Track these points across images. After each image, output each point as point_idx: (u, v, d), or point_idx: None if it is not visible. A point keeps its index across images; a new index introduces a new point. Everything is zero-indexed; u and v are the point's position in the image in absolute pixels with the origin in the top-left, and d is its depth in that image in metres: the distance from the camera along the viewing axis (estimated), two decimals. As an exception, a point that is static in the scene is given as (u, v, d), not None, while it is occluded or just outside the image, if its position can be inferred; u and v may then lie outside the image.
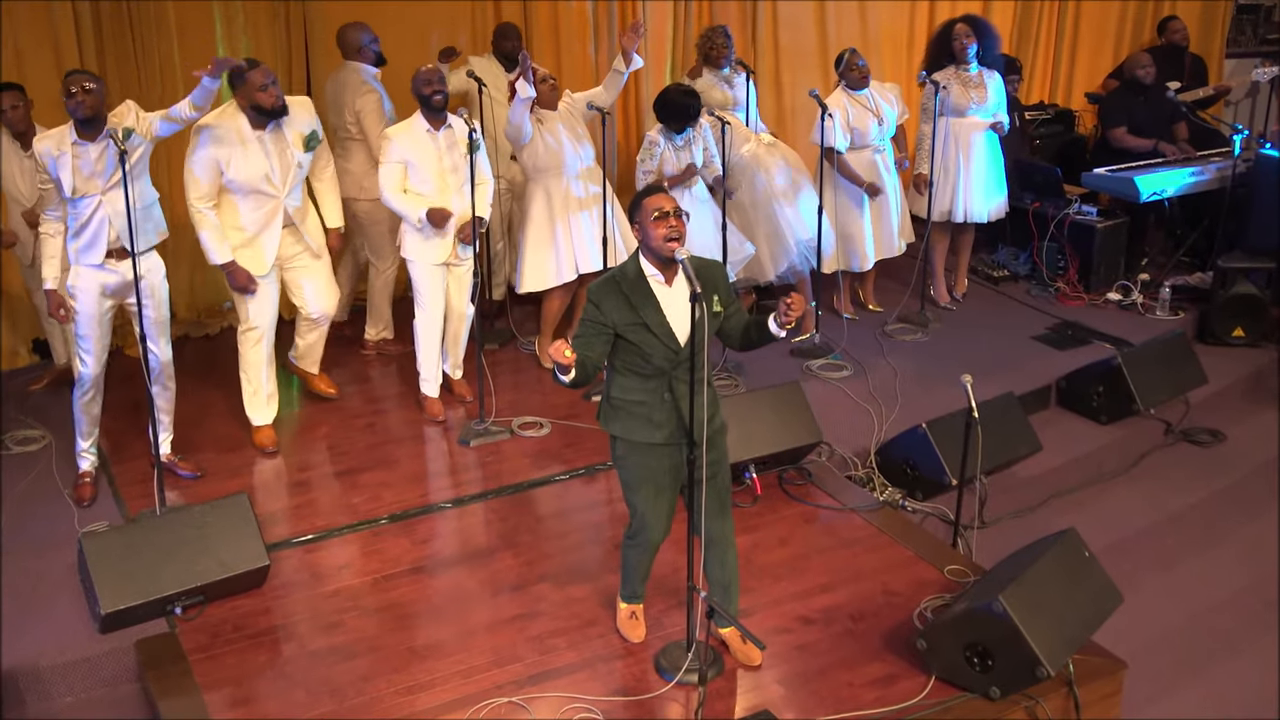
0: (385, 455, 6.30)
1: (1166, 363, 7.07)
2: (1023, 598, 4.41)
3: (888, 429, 6.55)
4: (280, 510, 5.79)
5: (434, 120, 6.33)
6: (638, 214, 4.29)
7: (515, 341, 7.65)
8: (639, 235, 4.30)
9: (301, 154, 6.01)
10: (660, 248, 4.23)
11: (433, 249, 6.43)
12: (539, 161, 6.69)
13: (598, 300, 4.24)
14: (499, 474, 6.13)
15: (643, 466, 4.45)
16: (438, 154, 6.32)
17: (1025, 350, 7.59)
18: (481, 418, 6.50)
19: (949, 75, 7.73)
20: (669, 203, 4.26)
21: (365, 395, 6.96)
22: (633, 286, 4.27)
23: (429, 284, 6.50)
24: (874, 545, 5.52)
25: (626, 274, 4.29)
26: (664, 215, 4.22)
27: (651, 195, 4.30)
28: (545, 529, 5.65)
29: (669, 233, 4.22)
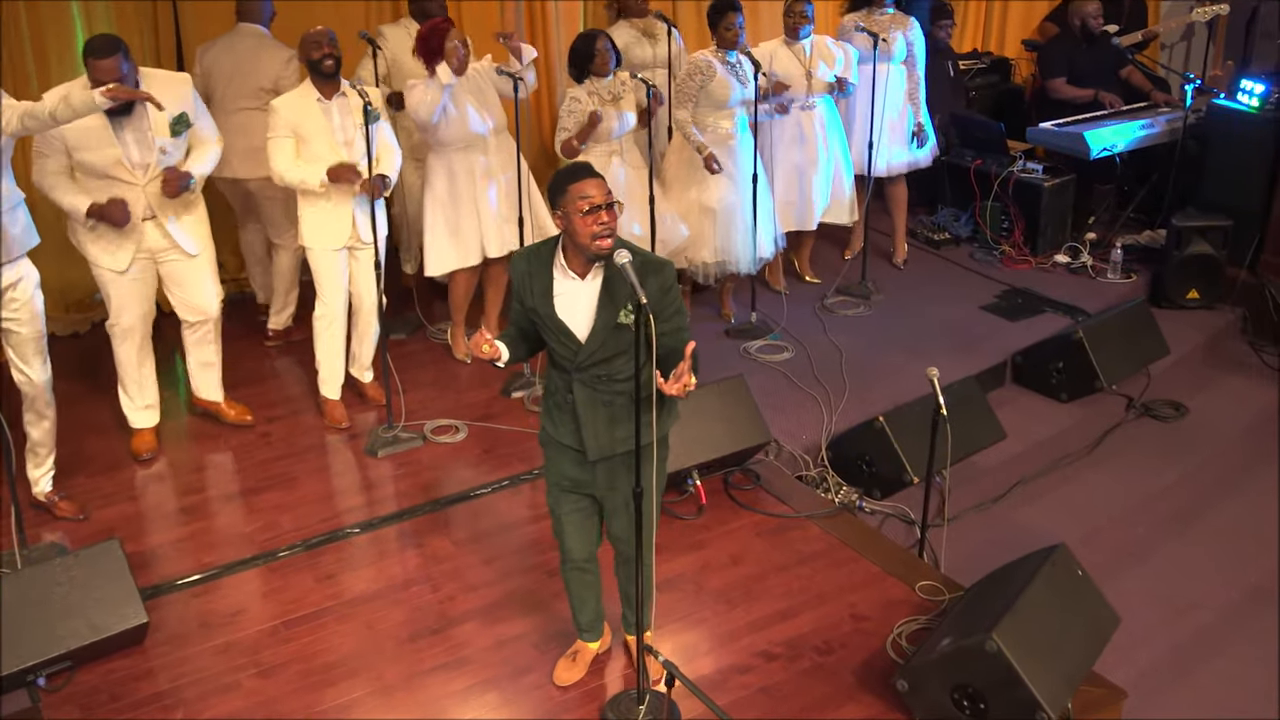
0: (283, 472, 5.60)
1: (1128, 334, 6.62)
2: (1016, 632, 3.90)
3: (838, 420, 6.00)
4: (163, 545, 5.08)
5: (325, 88, 5.59)
6: (561, 200, 3.66)
7: (424, 330, 6.96)
8: (560, 223, 3.69)
9: (167, 140, 5.23)
10: (588, 246, 3.64)
11: (332, 232, 5.72)
12: (441, 134, 5.96)
13: (512, 270, 3.84)
14: (412, 489, 5.48)
15: (552, 463, 4.00)
16: (330, 126, 5.60)
17: (975, 323, 7.09)
18: (390, 423, 5.83)
19: (861, 17, 7.16)
20: (599, 191, 3.62)
21: (261, 399, 6.21)
22: (538, 268, 3.76)
23: (330, 272, 5.80)
24: (835, 559, 4.98)
25: (541, 253, 3.79)
26: (594, 208, 3.61)
27: (579, 180, 3.65)
28: (467, 555, 5.01)
29: (600, 230, 3.62)
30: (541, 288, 3.73)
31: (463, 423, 5.96)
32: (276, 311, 6.86)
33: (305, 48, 5.59)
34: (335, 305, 5.86)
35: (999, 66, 9.21)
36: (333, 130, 5.61)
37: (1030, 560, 4.35)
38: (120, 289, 5.37)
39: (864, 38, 6.98)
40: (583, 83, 6.17)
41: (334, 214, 5.68)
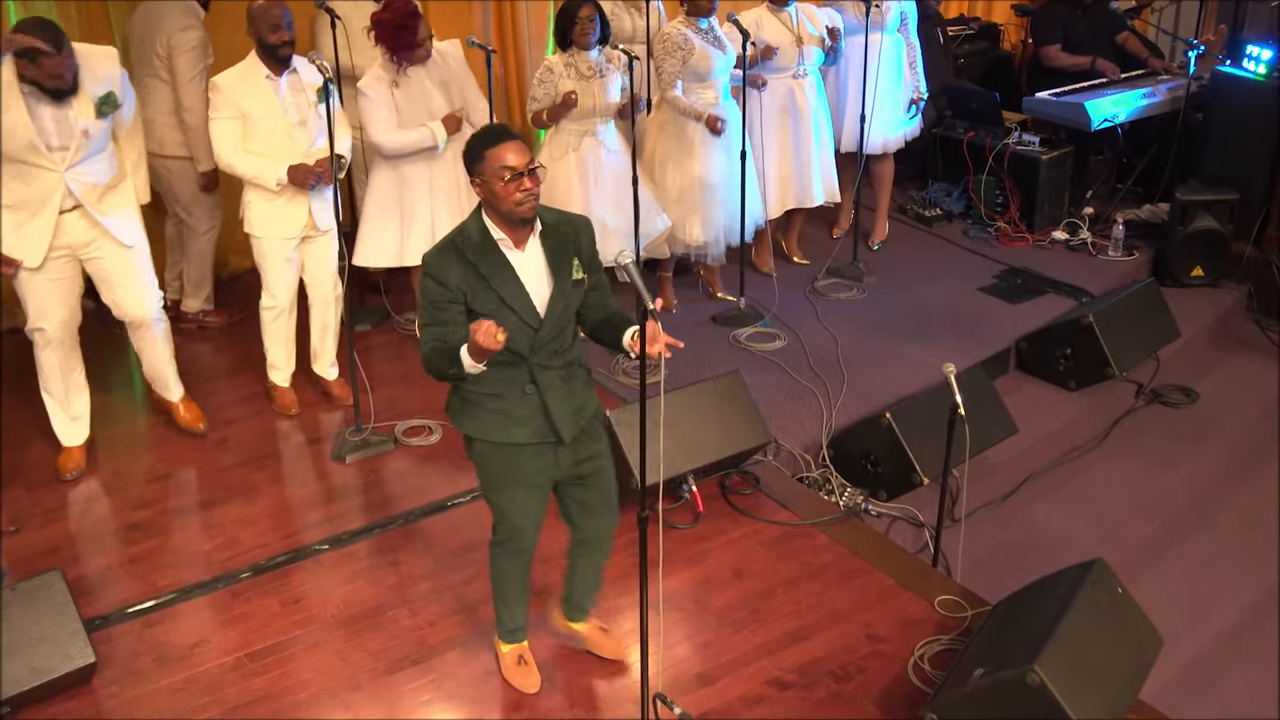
0: (243, 481, 5.16)
1: (1139, 318, 6.28)
2: (1059, 662, 3.54)
3: (837, 414, 5.62)
4: (111, 567, 4.63)
5: (274, 65, 5.12)
6: (478, 167, 3.38)
7: (391, 320, 6.51)
8: (480, 192, 3.41)
9: (91, 121, 4.73)
10: (512, 212, 3.38)
11: (285, 220, 5.27)
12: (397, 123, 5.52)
13: (438, 273, 3.40)
14: (384, 499, 5.05)
15: (505, 467, 3.67)
16: (280, 106, 5.14)
17: (974, 305, 6.72)
18: (358, 424, 5.39)
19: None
20: (518, 157, 3.35)
21: (216, 400, 5.76)
22: (479, 253, 3.43)
23: (277, 262, 5.35)
24: (846, 572, 4.61)
25: (469, 237, 3.45)
26: (516, 176, 3.33)
27: (495, 145, 3.36)
28: (447, 574, 4.59)
29: (523, 197, 3.36)
30: (498, 272, 3.41)
31: (436, 423, 5.53)
32: (191, 295, 6.40)
33: (259, 27, 5.09)
34: (283, 297, 5.43)
35: (988, 32, 8.82)
36: (283, 110, 5.14)
37: (1066, 577, 3.99)
38: (36, 289, 4.88)
39: (856, 5, 6.56)
40: (565, 52, 5.72)
41: (289, 203, 5.23)
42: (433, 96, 5.50)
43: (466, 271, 3.38)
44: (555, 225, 3.49)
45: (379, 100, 5.42)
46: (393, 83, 5.44)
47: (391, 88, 5.44)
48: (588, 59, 5.72)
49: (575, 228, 3.53)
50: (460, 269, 3.38)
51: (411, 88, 5.47)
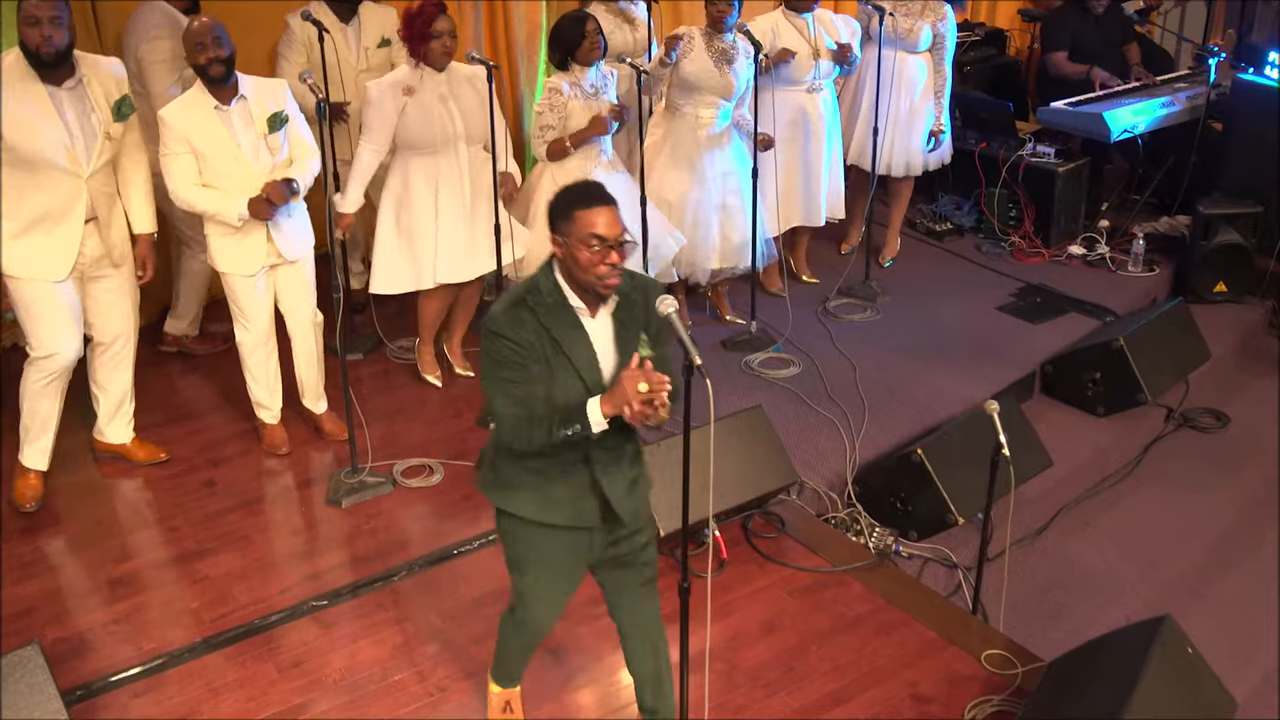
0: (232, 530, 4.81)
1: (1169, 340, 6.01)
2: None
3: (861, 445, 5.33)
4: (93, 629, 4.28)
5: (221, 92, 4.73)
6: (565, 226, 3.03)
7: (383, 348, 6.17)
8: (560, 250, 3.06)
9: (113, 128, 4.49)
10: (594, 283, 3.03)
11: (245, 254, 4.91)
12: (403, 135, 5.18)
13: (512, 332, 3.01)
14: (385, 547, 4.72)
15: (533, 548, 3.33)
16: (231, 136, 4.74)
17: (994, 326, 6.44)
18: (354, 465, 5.06)
19: None
20: (610, 226, 3.00)
21: (199, 438, 5.42)
22: (553, 314, 3.06)
23: (247, 296, 5.00)
24: (884, 624, 4.32)
25: (540, 295, 3.07)
26: (604, 245, 2.98)
27: (589, 207, 3.01)
28: (456, 632, 4.27)
29: (608, 272, 3.01)
30: (571, 337, 3.05)
31: (437, 461, 5.21)
32: (177, 316, 6.04)
33: (187, 48, 4.70)
34: (259, 329, 5.09)
35: (994, 39, 8.54)
36: (236, 143, 4.74)
37: (1132, 636, 3.71)
38: (53, 312, 4.58)
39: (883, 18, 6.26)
40: (566, 70, 5.40)
41: (245, 236, 4.86)
42: (446, 118, 5.17)
43: (539, 332, 3.02)
44: (628, 294, 3.11)
45: (379, 108, 5.08)
46: (408, 89, 5.09)
47: (405, 95, 5.08)
48: (588, 76, 5.41)
49: (646, 296, 3.14)
50: (533, 328, 3.01)
51: (426, 96, 5.12)
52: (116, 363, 4.93)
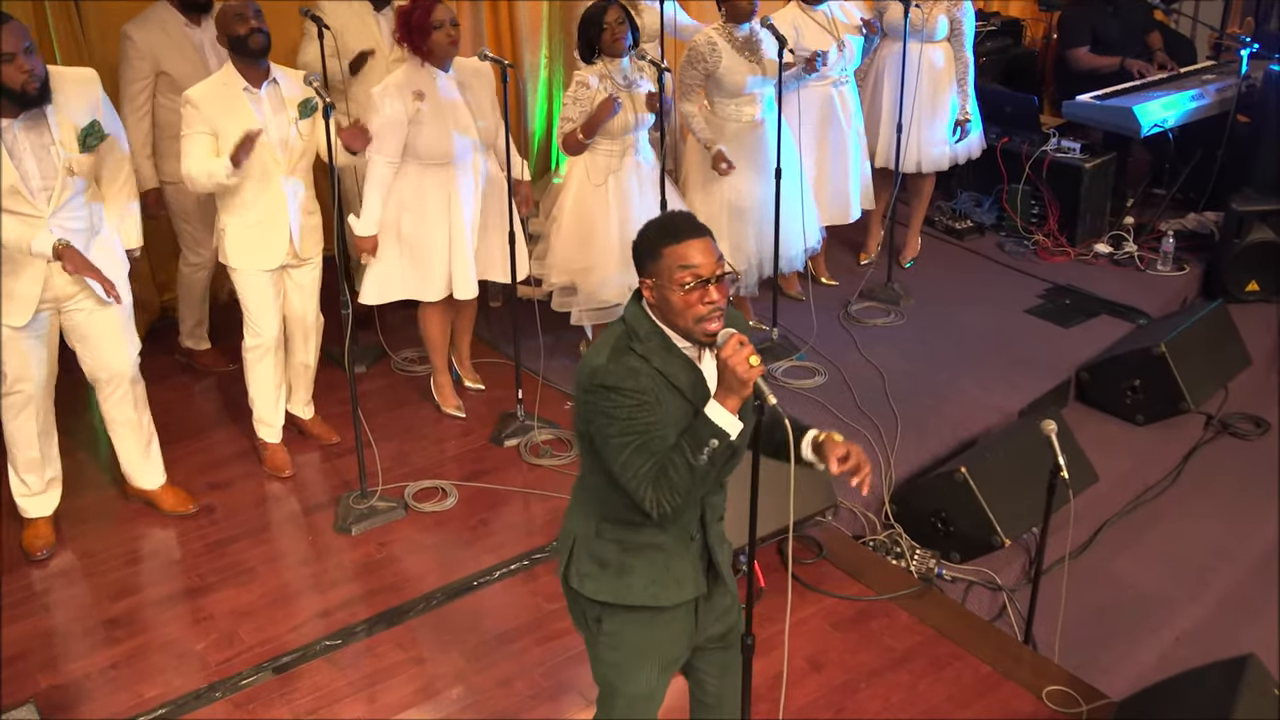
0: (236, 562, 4.52)
1: (1210, 346, 5.76)
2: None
3: (896, 461, 5.08)
4: (90, 674, 3.99)
5: (252, 73, 4.50)
6: (652, 266, 2.65)
7: (387, 360, 5.88)
8: (652, 295, 2.67)
9: (75, 156, 4.08)
10: (692, 330, 2.64)
11: (264, 250, 4.66)
12: (417, 146, 4.83)
13: (630, 384, 2.60)
14: (399, 579, 4.44)
15: (647, 642, 2.92)
16: (260, 121, 4.50)
17: (1023, 330, 6.18)
18: (363, 488, 4.78)
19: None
20: (706, 260, 2.61)
21: (197, 460, 5.11)
22: (665, 359, 2.66)
23: (261, 298, 4.74)
24: (936, 659, 4.06)
25: (644, 341, 2.67)
26: (700, 283, 2.60)
27: (679, 241, 2.62)
28: (478, 673, 3.99)
29: (708, 312, 2.61)
30: (695, 385, 2.69)
31: (449, 484, 4.93)
32: (189, 331, 5.79)
33: (225, 22, 4.48)
34: (269, 334, 4.81)
35: (1009, 28, 8.26)
36: (264, 126, 4.51)
37: (1212, 678, 3.46)
38: (19, 349, 4.22)
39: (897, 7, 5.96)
40: (592, 63, 5.11)
41: (267, 229, 4.63)
42: (461, 113, 4.86)
43: (654, 378, 2.63)
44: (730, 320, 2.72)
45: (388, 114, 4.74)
46: (418, 94, 4.77)
47: (417, 100, 4.75)
48: (620, 68, 5.11)
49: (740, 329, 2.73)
50: (648, 374, 2.62)
51: (439, 99, 4.79)
52: (119, 403, 4.55)
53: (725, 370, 2.53)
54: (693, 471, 2.57)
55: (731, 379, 2.52)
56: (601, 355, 2.65)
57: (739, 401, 2.55)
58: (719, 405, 2.55)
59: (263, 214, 4.63)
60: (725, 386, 2.54)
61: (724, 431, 2.54)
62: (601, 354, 2.65)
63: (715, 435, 2.54)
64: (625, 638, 2.91)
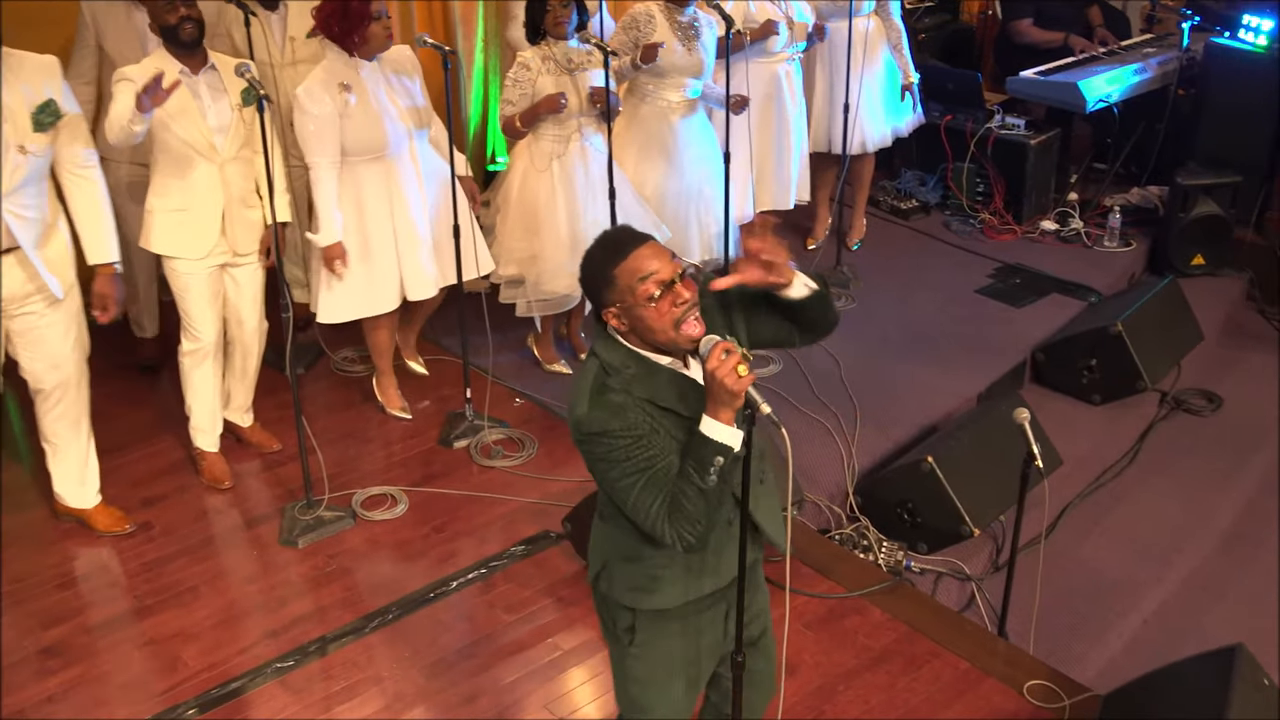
0: (177, 581, 4.29)
1: (1164, 323, 5.72)
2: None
3: (858, 451, 4.96)
4: (24, 712, 3.74)
5: (189, 59, 4.25)
6: (609, 294, 2.49)
7: (326, 360, 5.64)
8: (621, 323, 2.50)
9: (30, 138, 3.82)
10: (677, 340, 2.46)
11: (192, 236, 4.41)
12: (347, 142, 4.61)
13: (617, 423, 2.44)
14: (352, 593, 4.24)
15: (677, 654, 2.78)
16: (199, 107, 4.27)
17: (975, 311, 6.11)
18: (308, 498, 4.56)
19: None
20: (661, 262, 2.46)
21: (131, 472, 4.85)
22: (651, 385, 2.49)
23: (197, 297, 4.49)
24: (913, 657, 3.96)
25: (621, 372, 2.49)
26: (665, 287, 2.44)
27: (624, 255, 2.46)
28: (441, 690, 3.81)
29: (683, 313, 2.45)
30: (680, 393, 2.50)
31: (399, 490, 4.73)
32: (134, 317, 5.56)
33: (155, 10, 4.23)
34: (208, 338, 4.57)
35: (947, 3, 8.16)
36: (202, 112, 4.27)
37: (1202, 671, 3.38)
38: None
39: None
40: (536, 44, 4.91)
41: (195, 215, 4.38)
42: (390, 102, 4.63)
43: (642, 408, 2.46)
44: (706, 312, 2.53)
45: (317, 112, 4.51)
46: (345, 86, 4.53)
47: (344, 93, 4.52)
48: (566, 50, 4.92)
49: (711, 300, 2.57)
50: (634, 408, 2.45)
51: (367, 92, 4.57)
52: (62, 415, 4.29)
53: (713, 382, 2.36)
54: (705, 496, 2.42)
55: (721, 391, 2.35)
56: (582, 403, 2.47)
57: (733, 413, 2.39)
58: (713, 420, 2.38)
59: (191, 199, 4.38)
60: (715, 399, 2.38)
61: (726, 447, 2.38)
62: (581, 402, 2.47)
63: (719, 453, 2.38)
64: (656, 648, 2.76)
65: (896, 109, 6.36)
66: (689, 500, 2.42)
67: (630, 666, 2.80)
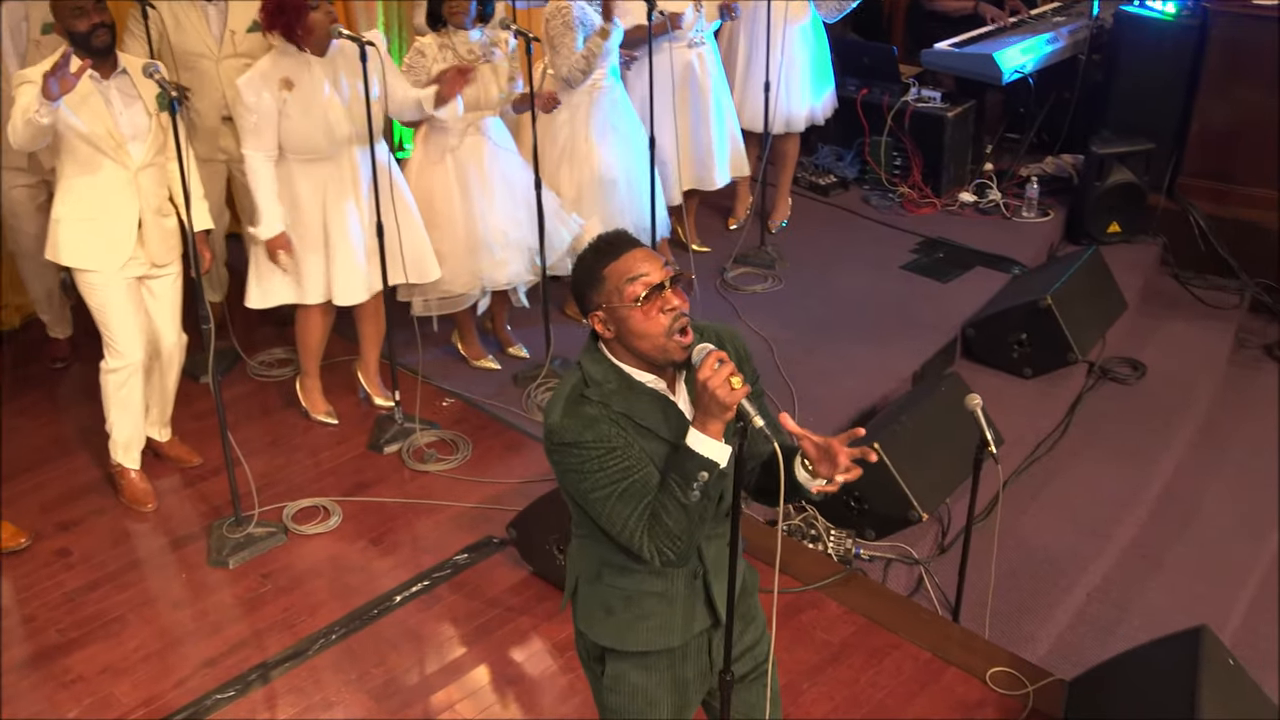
0: (101, 610, 4.06)
1: (1090, 294, 5.74)
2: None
3: (799, 438, 4.89)
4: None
5: (99, 65, 4.01)
6: (596, 296, 2.37)
7: (242, 365, 5.41)
8: (608, 330, 2.38)
9: None
10: (668, 350, 2.34)
11: (102, 248, 4.19)
12: (284, 139, 4.42)
13: (589, 435, 2.32)
14: (291, 614, 4.05)
15: (653, 685, 2.62)
16: (110, 114, 4.04)
17: (902, 287, 6.08)
18: (236, 514, 4.36)
19: None
20: (652, 265, 2.35)
21: (32, 493, 4.59)
22: (630, 402, 2.37)
23: (118, 311, 4.27)
24: (874, 650, 3.91)
25: (601, 385, 2.38)
26: (654, 290, 2.32)
27: (617, 256, 2.36)
28: (396, 710, 3.66)
29: (672, 320, 2.32)
30: (660, 418, 2.38)
31: (331, 501, 4.55)
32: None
33: (63, 15, 3.97)
34: (133, 355, 4.34)
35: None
36: (114, 119, 4.04)
37: (1170, 653, 3.37)
38: None
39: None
40: (438, 32, 4.73)
41: (108, 224, 4.16)
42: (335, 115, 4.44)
43: (619, 423, 2.34)
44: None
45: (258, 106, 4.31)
46: (284, 82, 4.31)
47: (284, 90, 4.31)
48: (467, 40, 4.75)
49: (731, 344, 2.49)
50: (608, 422, 2.33)
51: (308, 90, 4.37)
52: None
53: (704, 393, 2.24)
54: (687, 511, 2.29)
55: (712, 403, 2.24)
56: (555, 411, 2.35)
57: (722, 426, 2.27)
58: (700, 433, 2.27)
59: (101, 207, 4.16)
60: (705, 411, 2.26)
61: (712, 462, 2.27)
62: (555, 409, 2.36)
63: (704, 467, 2.27)
64: (629, 680, 2.62)
65: (821, 86, 6.28)
66: (669, 515, 2.31)
67: (605, 698, 2.67)
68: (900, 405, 4.91)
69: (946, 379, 4.90)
